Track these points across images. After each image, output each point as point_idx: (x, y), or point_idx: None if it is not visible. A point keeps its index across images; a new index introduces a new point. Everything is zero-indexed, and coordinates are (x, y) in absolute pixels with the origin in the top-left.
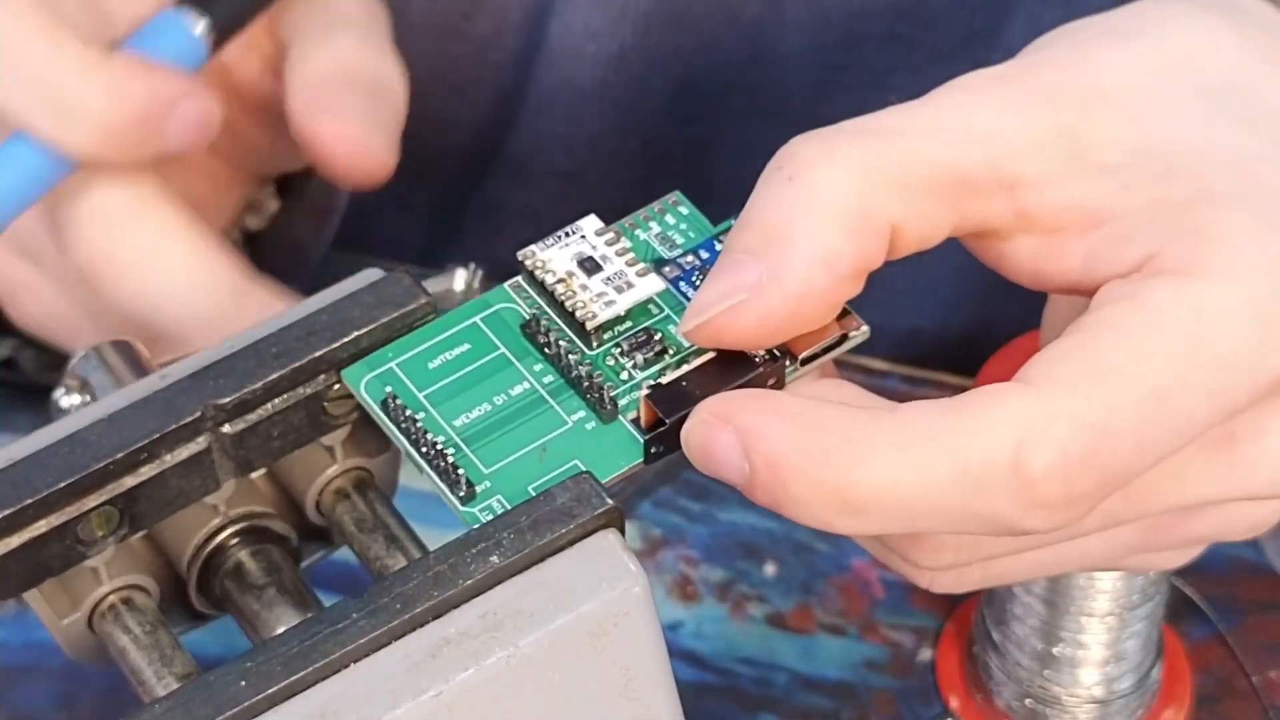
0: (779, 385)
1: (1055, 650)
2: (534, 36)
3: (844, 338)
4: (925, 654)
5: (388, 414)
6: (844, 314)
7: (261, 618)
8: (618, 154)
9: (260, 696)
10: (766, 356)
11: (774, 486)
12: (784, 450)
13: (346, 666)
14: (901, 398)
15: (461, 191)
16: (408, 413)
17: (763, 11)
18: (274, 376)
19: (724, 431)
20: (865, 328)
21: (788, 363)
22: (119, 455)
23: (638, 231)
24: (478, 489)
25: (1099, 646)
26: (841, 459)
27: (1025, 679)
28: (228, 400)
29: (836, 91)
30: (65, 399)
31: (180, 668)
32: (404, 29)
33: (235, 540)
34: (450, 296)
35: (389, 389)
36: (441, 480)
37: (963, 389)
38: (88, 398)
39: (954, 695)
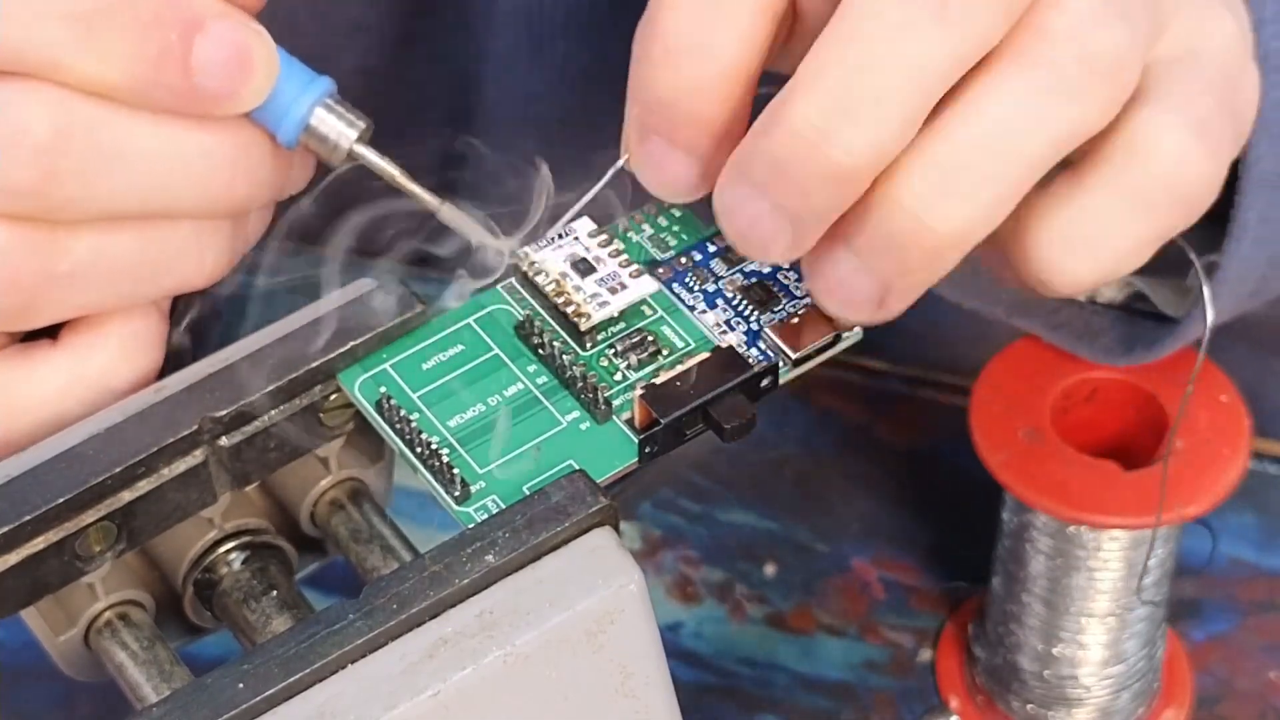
0: (774, 386)
1: (1055, 650)
2: (465, 103)
3: (837, 338)
4: (925, 654)
5: (382, 415)
6: None
7: (257, 630)
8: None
9: (259, 698)
10: (760, 358)
11: None
12: None
13: (344, 668)
14: (902, 398)
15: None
16: (402, 413)
17: None
18: (271, 388)
19: None
20: (858, 328)
21: (781, 363)
22: (116, 470)
23: (630, 233)
24: (472, 489)
25: (1099, 646)
26: None
27: (1025, 679)
28: (225, 413)
29: None
30: None
31: (179, 682)
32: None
33: (231, 553)
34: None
35: (383, 390)
36: (436, 480)
37: (963, 389)
38: None
39: (954, 695)
